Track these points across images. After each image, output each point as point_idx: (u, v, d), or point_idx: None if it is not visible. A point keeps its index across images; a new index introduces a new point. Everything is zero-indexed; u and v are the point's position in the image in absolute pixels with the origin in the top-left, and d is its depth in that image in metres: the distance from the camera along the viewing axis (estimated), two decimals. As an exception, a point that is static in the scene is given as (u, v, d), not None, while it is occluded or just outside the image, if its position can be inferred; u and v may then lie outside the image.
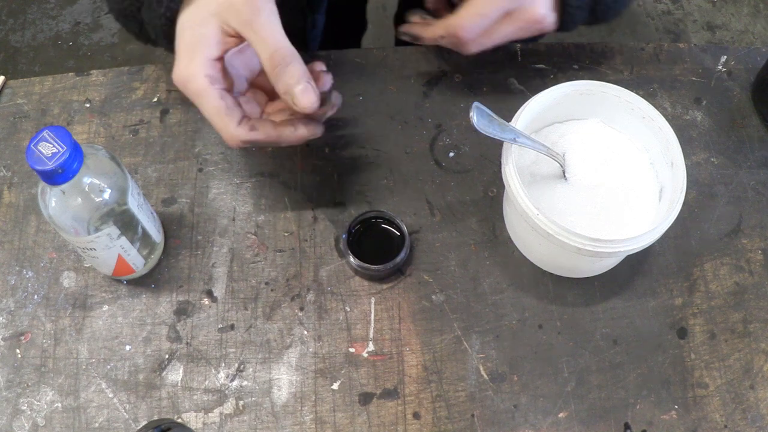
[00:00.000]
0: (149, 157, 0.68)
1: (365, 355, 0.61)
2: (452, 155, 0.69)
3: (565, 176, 0.62)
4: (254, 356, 0.60)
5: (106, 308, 0.62)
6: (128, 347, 0.60)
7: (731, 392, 0.60)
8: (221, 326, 0.61)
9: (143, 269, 0.62)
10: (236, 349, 0.61)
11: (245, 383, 0.59)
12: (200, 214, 0.66)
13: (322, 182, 0.67)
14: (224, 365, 0.60)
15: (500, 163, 0.59)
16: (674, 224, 0.56)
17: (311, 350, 0.61)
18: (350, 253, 0.61)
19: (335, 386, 0.59)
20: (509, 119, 0.59)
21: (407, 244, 0.62)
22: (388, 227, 0.63)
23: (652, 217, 0.60)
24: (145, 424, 0.51)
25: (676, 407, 0.59)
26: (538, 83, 0.72)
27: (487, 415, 0.59)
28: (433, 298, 0.63)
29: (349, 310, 0.62)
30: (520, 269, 0.64)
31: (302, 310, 0.62)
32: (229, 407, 0.58)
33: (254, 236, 0.65)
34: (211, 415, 0.58)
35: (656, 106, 0.60)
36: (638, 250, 0.55)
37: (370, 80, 0.72)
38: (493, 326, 0.62)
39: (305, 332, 0.61)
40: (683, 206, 0.56)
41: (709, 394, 0.60)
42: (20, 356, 0.60)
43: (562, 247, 0.55)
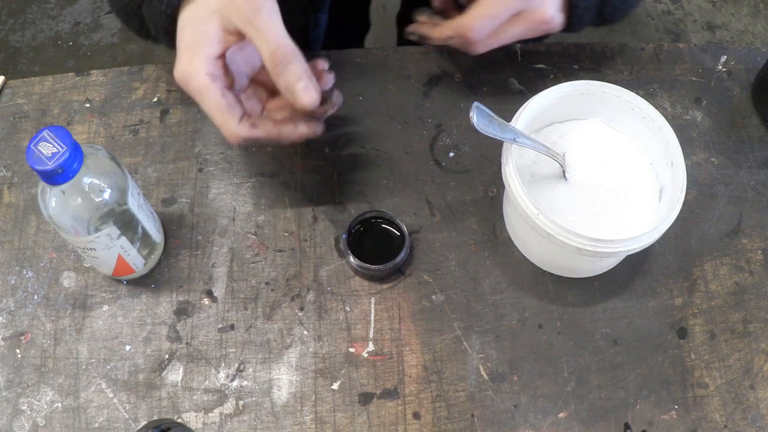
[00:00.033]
0: (149, 157, 0.68)
1: (365, 355, 0.61)
2: (452, 155, 0.69)
3: (565, 176, 0.62)
4: (254, 356, 0.60)
5: (106, 308, 0.62)
6: (128, 347, 0.60)
7: (731, 392, 0.60)
8: (221, 326, 0.61)
9: (143, 269, 0.62)
10: (236, 349, 0.61)
11: (245, 383, 0.59)
12: (200, 214, 0.66)
13: (322, 182, 0.67)
14: (224, 365, 0.60)
15: (500, 163, 0.59)
16: (674, 224, 0.56)
17: (311, 350, 0.61)
18: (350, 253, 0.61)
19: (335, 386, 0.59)
20: (509, 119, 0.59)
21: (407, 244, 0.62)
22: (388, 227, 0.63)
23: (652, 217, 0.60)
24: (145, 424, 0.51)
25: (676, 407, 0.59)
26: (538, 83, 0.72)
27: (487, 415, 0.59)
28: (433, 298, 0.63)
29: (349, 310, 0.62)
30: (520, 269, 0.64)
31: (302, 310, 0.62)
32: (229, 407, 0.58)
33: (254, 236, 0.65)
34: (211, 415, 0.58)
35: (656, 106, 0.60)
36: (638, 250, 0.55)
37: (370, 80, 0.72)
38: (493, 326, 0.62)
39: (305, 332, 0.61)
40: (683, 206, 0.56)
41: (709, 394, 0.60)
42: (20, 356, 0.60)
43: (562, 247, 0.55)
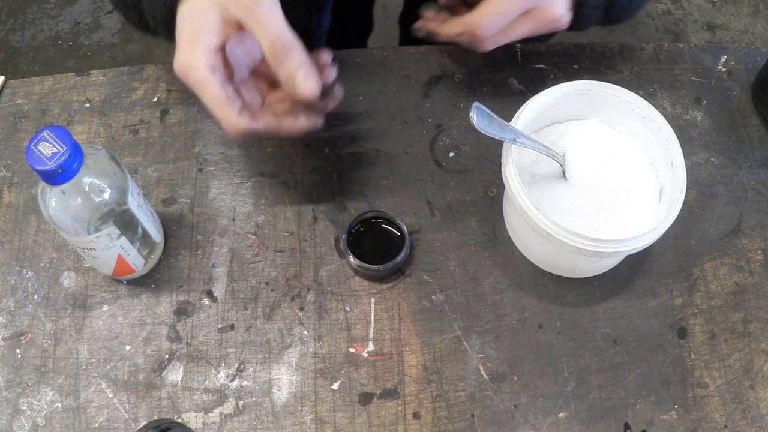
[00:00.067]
0: (149, 157, 0.68)
1: (365, 355, 0.61)
2: (452, 155, 0.69)
3: (565, 176, 0.62)
4: (254, 356, 0.60)
5: (106, 308, 0.62)
6: (128, 347, 0.60)
7: (731, 392, 0.60)
8: (221, 326, 0.61)
9: (143, 269, 0.62)
10: (236, 349, 0.61)
11: (245, 383, 0.59)
12: (200, 214, 0.66)
13: (322, 182, 0.67)
14: (224, 365, 0.60)
15: (500, 163, 0.59)
16: (674, 224, 0.56)
17: (311, 350, 0.61)
18: (350, 253, 0.61)
19: (335, 386, 0.59)
20: (509, 119, 0.59)
21: (407, 244, 0.62)
22: (388, 227, 0.63)
23: (652, 217, 0.60)
24: (145, 424, 0.51)
25: (676, 407, 0.59)
26: (538, 83, 0.72)
27: (487, 415, 0.59)
28: (433, 298, 0.63)
29: (349, 310, 0.62)
30: (520, 269, 0.64)
31: (302, 310, 0.62)
32: (229, 407, 0.58)
33: (254, 236, 0.65)
34: (211, 415, 0.58)
35: (656, 106, 0.60)
36: (638, 250, 0.55)
37: (370, 80, 0.72)
38: (493, 326, 0.62)
39: (305, 332, 0.61)
40: (683, 206, 0.56)
41: (709, 394, 0.60)
42: (20, 356, 0.60)
43: (562, 247, 0.55)
